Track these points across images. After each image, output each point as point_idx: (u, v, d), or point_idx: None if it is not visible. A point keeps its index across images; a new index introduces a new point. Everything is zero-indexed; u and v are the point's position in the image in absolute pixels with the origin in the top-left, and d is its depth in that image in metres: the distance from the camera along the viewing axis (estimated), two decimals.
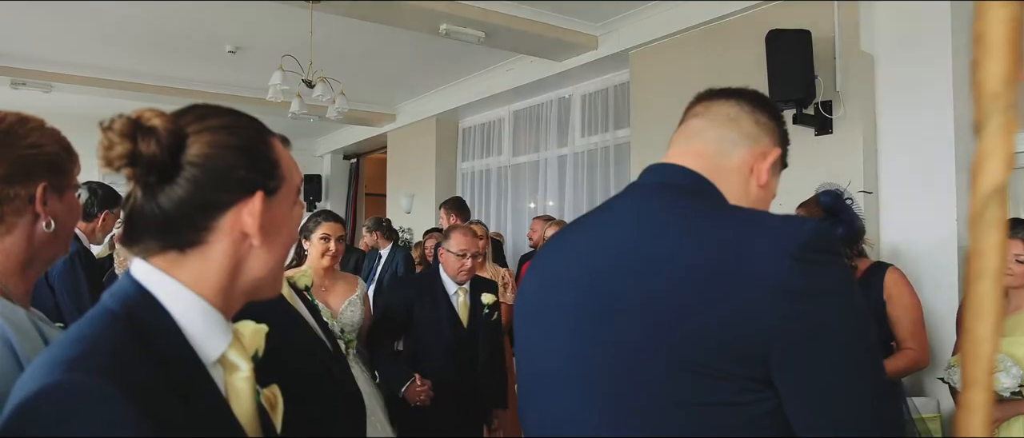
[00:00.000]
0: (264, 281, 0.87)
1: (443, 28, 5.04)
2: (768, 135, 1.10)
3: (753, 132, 1.08)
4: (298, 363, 1.86)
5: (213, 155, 0.80)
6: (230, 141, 0.82)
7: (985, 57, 0.49)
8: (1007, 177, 0.49)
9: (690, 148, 1.08)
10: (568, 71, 6.00)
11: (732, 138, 1.07)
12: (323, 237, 2.80)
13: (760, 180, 1.08)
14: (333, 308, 2.89)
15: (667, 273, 0.92)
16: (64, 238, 1.12)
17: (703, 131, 1.08)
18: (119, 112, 0.79)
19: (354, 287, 3.02)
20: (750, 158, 1.08)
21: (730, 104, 1.10)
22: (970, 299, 0.51)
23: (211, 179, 0.80)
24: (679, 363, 0.88)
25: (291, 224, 0.90)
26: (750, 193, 1.08)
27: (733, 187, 1.06)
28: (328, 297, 2.89)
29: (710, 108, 1.10)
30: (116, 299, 0.79)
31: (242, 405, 0.83)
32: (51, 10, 5.23)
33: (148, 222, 0.80)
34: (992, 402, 0.52)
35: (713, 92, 1.14)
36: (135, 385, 0.69)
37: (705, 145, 1.07)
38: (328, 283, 2.92)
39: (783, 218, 0.93)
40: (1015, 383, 2.27)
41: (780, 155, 1.11)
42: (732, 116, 1.08)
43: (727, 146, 1.07)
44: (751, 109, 1.09)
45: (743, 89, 1.13)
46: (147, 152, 0.77)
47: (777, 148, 1.11)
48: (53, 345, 0.75)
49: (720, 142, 1.07)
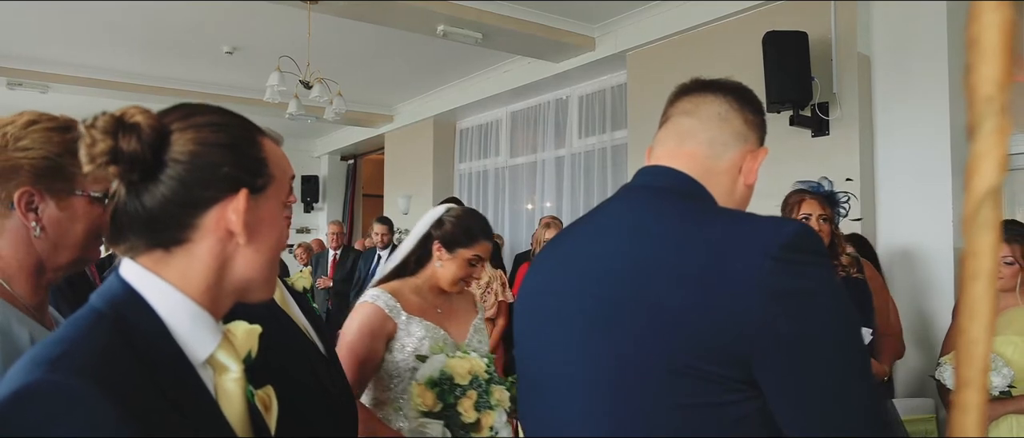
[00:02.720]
0: (254, 281, 0.85)
1: (441, 29, 5.04)
2: (755, 132, 1.11)
3: (743, 131, 1.09)
4: (283, 364, 1.82)
5: (197, 152, 0.79)
6: (215, 138, 0.81)
7: (979, 60, 0.50)
8: (1001, 179, 0.50)
9: (682, 150, 1.08)
10: (565, 72, 6.01)
11: (724, 140, 1.07)
12: (474, 259, 2.14)
13: (749, 179, 1.10)
14: (455, 335, 2.18)
15: (659, 278, 0.93)
16: (67, 245, 1.09)
17: (695, 132, 1.08)
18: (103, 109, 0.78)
19: (472, 308, 2.34)
20: (739, 158, 1.08)
21: (719, 102, 1.09)
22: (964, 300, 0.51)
23: (194, 176, 0.79)
24: (673, 366, 0.89)
25: (281, 223, 0.88)
26: (736, 192, 1.09)
27: (722, 188, 1.07)
28: (448, 323, 2.19)
29: (700, 106, 1.10)
30: (103, 299, 0.78)
31: (232, 406, 0.82)
32: (48, 10, 5.22)
33: (132, 220, 0.80)
34: (986, 402, 0.52)
35: (698, 84, 1.13)
36: (118, 385, 0.68)
37: (697, 146, 1.07)
38: (446, 305, 2.20)
39: (767, 219, 0.93)
40: (1005, 383, 2.32)
41: (767, 153, 1.12)
42: (723, 115, 1.08)
43: (719, 148, 1.07)
44: (739, 106, 1.10)
45: (727, 82, 1.13)
46: (128, 149, 0.76)
47: (764, 147, 1.12)
48: (37, 345, 0.74)
49: (712, 144, 1.07)
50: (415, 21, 5.00)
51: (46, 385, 0.66)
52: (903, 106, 3.87)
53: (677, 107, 1.12)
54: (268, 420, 0.92)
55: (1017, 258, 2.53)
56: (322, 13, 4.82)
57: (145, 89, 7.01)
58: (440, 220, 2.13)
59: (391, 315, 2.01)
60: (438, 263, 2.11)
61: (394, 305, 2.03)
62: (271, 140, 0.90)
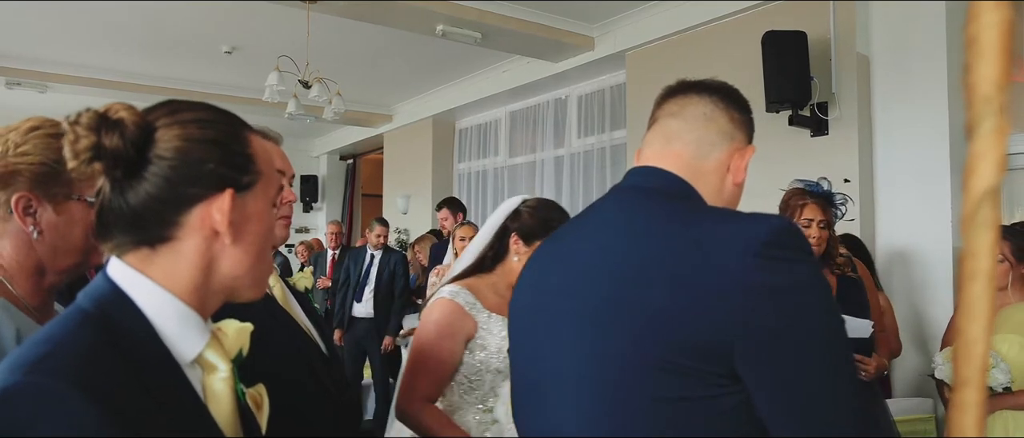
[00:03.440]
0: (241, 281, 0.84)
1: (440, 29, 5.04)
2: (741, 130, 1.11)
3: (729, 130, 1.10)
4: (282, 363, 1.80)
5: (181, 148, 0.78)
6: (200, 134, 0.80)
7: (978, 60, 0.50)
8: (999, 180, 0.50)
9: (669, 150, 1.09)
10: (565, 72, 6.01)
11: (710, 139, 1.08)
12: None
13: (737, 177, 1.10)
14: None
15: (643, 277, 0.94)
16: (66, 249, 1.11)
17: (682, 133, 1.09)
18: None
19: None
20: (727, 157, 1.09)
21: (705, 102, 1.10)
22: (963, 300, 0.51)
23: (179, 173, 0.78)
24: (656, 362, 0.90)
25: (268, 222, 0.86)
26: (725, 190, 1.10)
27: (710, 187, 1.08)
28: None
29: (685, 107, 1.10)
30: (90, 298, 0.78)
31: (220, 406, 0.81)
32: (47, 10, 5.22)
33: (118, 218, 0.79)
34: (985, 402, 0.52)
35: (684, 86, 1.14)
36: (101, 386, 0.68)
37: (684, 147, 1.08)
38: None
39: (751, 217, 0.94)
40: (1007, 378, 2.33)
41: (754, 151, 1.13)
42: (708, 115, 1.09)
43: (706, 148, 1.08)
44: (725, 106, 1.10)
45: (713, 82, 1.13)
46: (111, 146, 0.75)
47: (752, 145, 1.13)
48: (20, 346, 0.74)
49: (699, 144, 1.08)
50: (414, 21, 4.99)
51: (26, 387, 0.65)
52: (902, 106, 3.87)
53: (664, 109, 1.13)
54: (259, 419, 0.91)
55: (1007, 256, 2.54)
56: (321, 13, 4.81)
57: (144, 89, 7.00)
58: (517, 211, 2.03)
59: (470, 312, 1.90)
60: (516, 257, 1.99)
61: (473, 302, 1.92)
62: (260, 137, 0.88)
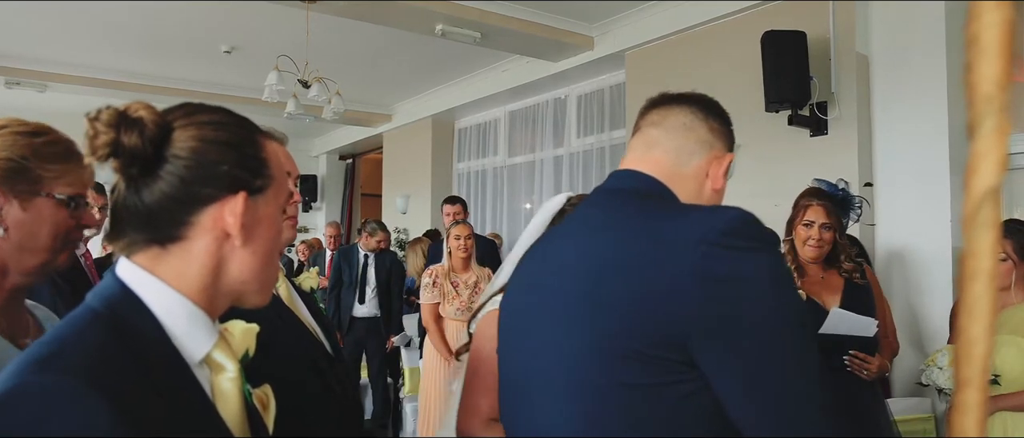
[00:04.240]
0: (248, 285, 0.85)
1: (439, 29, 5.04)
2: (720, 140, 1.15)
3: (708, 139, 1.14)
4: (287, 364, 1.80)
5: (197, 149, 0.80)
6: (216, 136, 0.81)
7: (979, 59, 0.50)
8: (1001, 179, 0.50)
9: (649, 156, 1.14)
10: (564, 72, 6.01)
11: (690, 148, 1.13)
12: None
13: (716, 184, 1.14)
14: None
15: (610, 271, 0.98)
16: (32, 248, 1.09)
17: (662, 141, 1.14)
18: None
19: None
20: (706, 164, 1.13)
21: (684, 112, 1.15)
22: (963, 300, 0.51)
23: (194, 173, 0.79)
24: (624, 352, 0.93)
25: (278, 226, 0.88)
26: (703, 195, 1.14)
27: (688, 192, 1.11)
28: None
29: (667, 117, 1.15)
30: (99, 298, 0.78)
31: (228, 406, 0.81)
32: (47, 10, 5.22)
33: (131, 215, 0.80)
34: (986, 402, 0.52)
35: (666, 98, 1.19)
36: (111, 385, 0.68)
37: (664, 154, 1.13)
38: None
39: (710, 208, 0.98)
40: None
41: (732, 159, 1.17)
42: (687, 125, 1.14)
43: (685, 156, 1.12)
44: (704, 116, 1.15)
45: (694, 94, 1.18)
46: (129, 143, 0.76)
47: (730, 152, 1.17)
48: (31, 345, 0.74)
49: (678, 152, 1.12)
50: (413, 20, 4.99)
51: (34, 386, 0.66)
52: (902, 106, 3.87)
53: (646, 119, 1.19)
54: (266, 419, 0.92)
55: (1010, 254, 2.47)
56: (320, 13, 4.81)
57: (143, 88, 6.99)
58: (562, 211, 1.99)
59: None
60: None
61: None
62: (273, 141, 0.90)
